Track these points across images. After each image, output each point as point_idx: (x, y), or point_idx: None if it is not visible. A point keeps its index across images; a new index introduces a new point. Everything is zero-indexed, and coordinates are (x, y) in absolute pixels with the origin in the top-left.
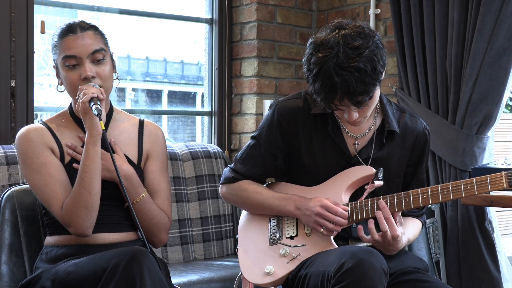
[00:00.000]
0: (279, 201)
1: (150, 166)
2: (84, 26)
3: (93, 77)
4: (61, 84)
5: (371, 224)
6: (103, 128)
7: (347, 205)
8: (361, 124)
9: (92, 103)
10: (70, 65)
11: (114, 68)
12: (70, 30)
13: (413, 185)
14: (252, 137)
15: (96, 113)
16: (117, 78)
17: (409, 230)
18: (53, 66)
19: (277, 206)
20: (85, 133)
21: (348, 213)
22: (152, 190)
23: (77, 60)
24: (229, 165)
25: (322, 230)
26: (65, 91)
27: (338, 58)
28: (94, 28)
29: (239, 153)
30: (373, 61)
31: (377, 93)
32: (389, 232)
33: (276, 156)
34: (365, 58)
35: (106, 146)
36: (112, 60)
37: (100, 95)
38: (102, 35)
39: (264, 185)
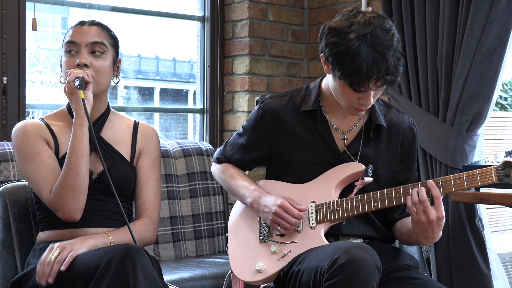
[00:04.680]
0: (244, 191)
1: (141, 162)
2: (93, 22)
3: (86, 65)
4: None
5: (409, 202)
6: (83, 97)
7: (337, 201)
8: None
9: (76, 80)
10: (69, 50)
11: (116, 72)
12: (80, 22)
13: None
14: (242, 126)
15: (77, 84)
16: (118, 82)
17: None
18: (60, 60)
19: (242, 196)
20: None
21: (340, 209)
22: (141, 186)
23: (76, 47)
24: (222, 145)
25: (279, 228)
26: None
27: (374, 38)
28: (104, 27)
29: (230, 137)
30: (399, 43)
31: None
32: (433, 211)
33: (258, 148)
34: (396, 39)
35: (87, 117)
36: (115, 63)
37: (86, 77)
38: (110, 35)
39: (247, 171)
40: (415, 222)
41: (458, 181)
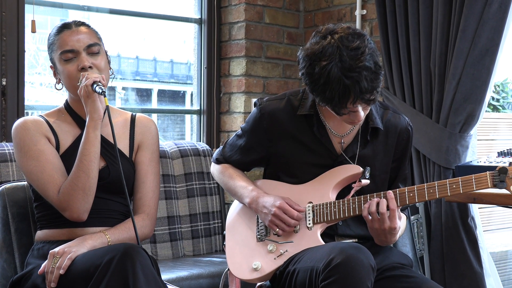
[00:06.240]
0: (242, 191)
1: (140, 157)
2: (78, 23)
3: (90, 67)
4: (58, 82)
5: (365, 211)
6: (107, 104)
7: (334, 203)
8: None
9: (95, 85)
10: (67, 59)
11: (108, 64)
12: (65, 26)
13: (397, 181)
14: (241, 128)
15: (100, 91)
16: (112, 74)
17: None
18: (50, 67)
19: (240, 196)
20: (80, 128)
21: (337, 210)
22: (139, 181)
23: (74, 53)
24: (221, 146)
25: (277, 230)
26: (63, 88)
27: (343, 62)
28: (87, 25)
29: (230, 138)
30: (374, 57)
31: None
32: (387, 221)
33: (257, 150)
34: (368, 56)
35: (110, 124)
36: (107, 56)
37: (102, 81)
38: (95, 31)
39: (246, 172)
40: (369, 227)
41: (454, 186)
